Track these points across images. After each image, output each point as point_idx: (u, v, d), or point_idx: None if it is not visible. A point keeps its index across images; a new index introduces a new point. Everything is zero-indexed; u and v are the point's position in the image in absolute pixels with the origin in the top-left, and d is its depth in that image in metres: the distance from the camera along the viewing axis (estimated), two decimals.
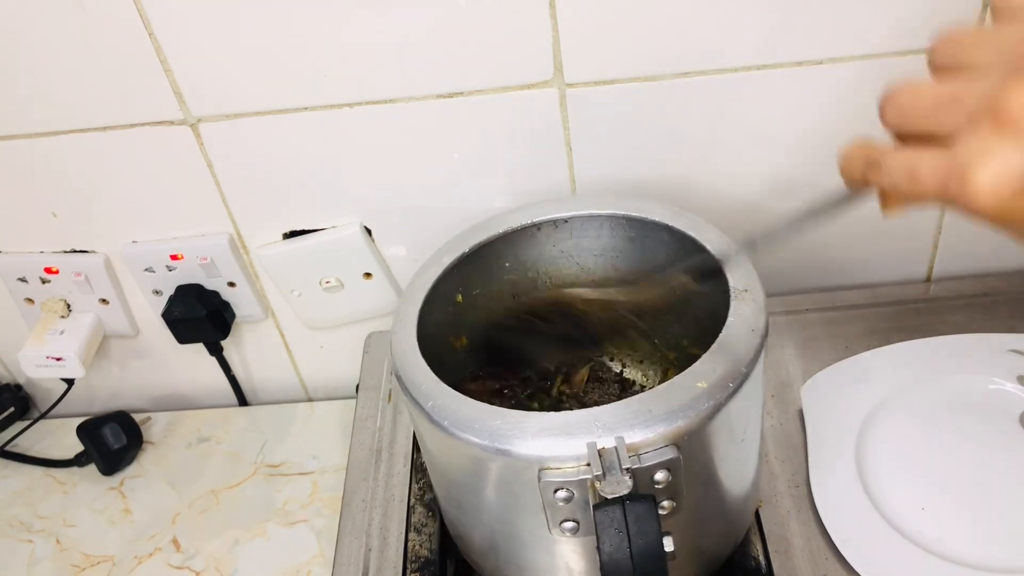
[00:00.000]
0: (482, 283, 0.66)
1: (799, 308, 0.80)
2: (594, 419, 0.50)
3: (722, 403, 0.51)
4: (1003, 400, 0.69)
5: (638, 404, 0.50)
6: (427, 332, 0.59)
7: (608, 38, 0.68)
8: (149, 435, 0.90)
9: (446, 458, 0.56)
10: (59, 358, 0.83)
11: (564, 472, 0.49)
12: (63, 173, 0.77)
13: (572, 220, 0.65)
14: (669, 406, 0.50)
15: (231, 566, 0.77)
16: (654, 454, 0.49)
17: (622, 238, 0.66)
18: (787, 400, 0.73)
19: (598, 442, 0.49)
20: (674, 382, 0.51)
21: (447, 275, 0.63)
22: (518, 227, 0.65)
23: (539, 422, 0.51)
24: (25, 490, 0.87)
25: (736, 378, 0.52)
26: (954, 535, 0.61)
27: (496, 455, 0.51)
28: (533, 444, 0.50)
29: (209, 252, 0.81)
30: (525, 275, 0.68)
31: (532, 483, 0.50)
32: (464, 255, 0.64)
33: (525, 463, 0.50)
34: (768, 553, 0.63)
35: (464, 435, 0.51)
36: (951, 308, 0.78)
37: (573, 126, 0.73)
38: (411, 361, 0.56)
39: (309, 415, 0.90)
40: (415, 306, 0.60)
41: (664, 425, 0.49)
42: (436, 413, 0.53)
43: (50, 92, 0.71)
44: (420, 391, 0.54)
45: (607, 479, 0.47)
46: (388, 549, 0.68)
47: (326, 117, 0.72)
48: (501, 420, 0.51)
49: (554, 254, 0.67)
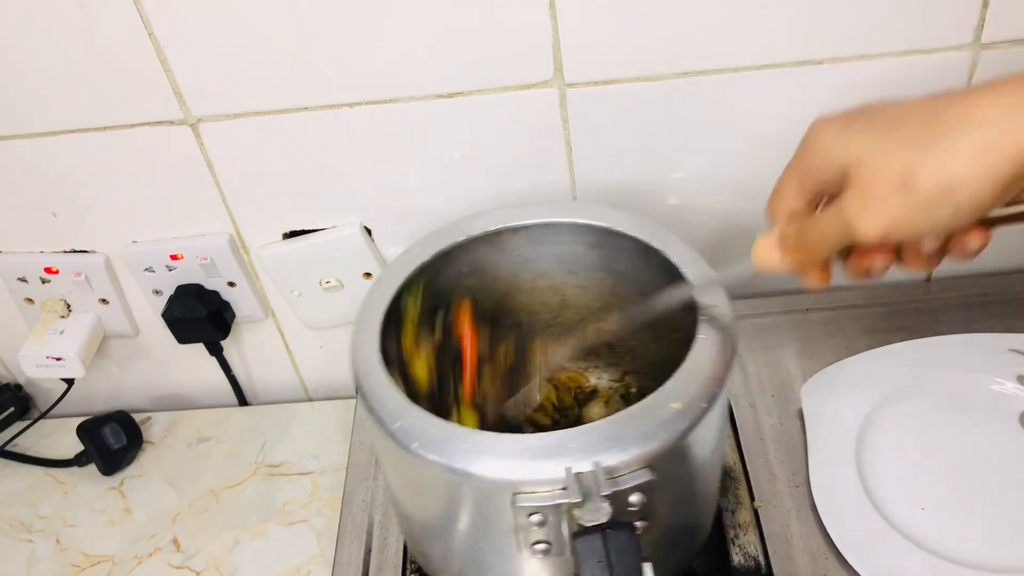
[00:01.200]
0: (440, 291, 0.64)
1: (799, 308, 0.80)
2: (569, 442, 0.49)
3: (696, 422, 0.51)
4: (1003, 400, 0.69)
5: (613, 426, 0.50)
6: (389, 343, 0.57)
7: (608, 38, 0.68)
8: (149, 435, 0.90)
9: (411, 478, 0.55)
10: (59, 358, 0.83)
11: (540, 496, 0.48)
12: (63, 173, 0.77)
13: (532, 228, 0.64)
14: (644, 428, 0.49)
15: (231, 566, 0.77)
16: (630, 477, 0.48)
17: (583, 244, 0.65)
18: (787, 400, 0.73)
19: (574, 466, 0.48)
20: (647, 403, 0.51)
21: (409, 282, 0.61)
22: (479, 234, 0.64)
23: (512, 444, 0.49)
24: (25, 490, 0.87)
25: (709, 398, 0.51)
26: (954, 535, 0.61)
27: (466, 478, 0.49)
28: (507, 467, 0.49)
29: (209, 252, 0.81)
30: (484, 280, 0.66)
31: (503, 506, 0.49)
32: (423, 264, 0.62)
33: (497, 487, 0.49)
34: (768, 553, 0.63)
35: (433, 457, 0.50)
36: (951, 308, 0.78)
37: (573, 126, 0.73)
38: (375, 377, 0.54)
39: (309, 415, 0.90)
40: (376, 320, 0.58)
41: (640, 447, 0.49)
42: (403, 434, 0.51)
43: (50, 92, 0.71)
44: (386, 410, 0.52)
45: (586, 506, 0.46)
46: (388, 549, 0.68)
47: (326, 117, 0.72)
48: (472, 442, 0.50)
49: (514, 260, 0.66)
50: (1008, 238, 0.80)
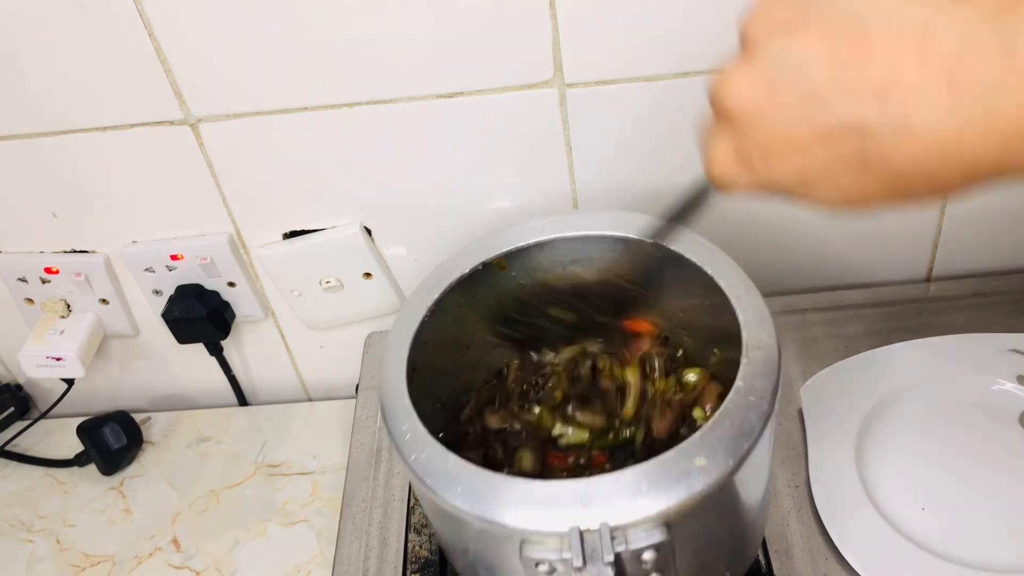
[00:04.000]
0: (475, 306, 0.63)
1: (799, 308, 0.80)
2: (581, 495, 0.47)
3: (721, 480, 0.47)
4: (1003, 400, 0.69)
5: (629, 479, 0.47)
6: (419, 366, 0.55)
7: (608, 38, 0.68)
8: (149, 435, 0.90)
9: (436, 513, 0.54)
10: (59, 358, 0.83)
11: (546, 547, 0.47)
12: (63, 173, 0.77)
13: (573, 239, 0.62)
14: (661, 484, 0.46)
15: (231, 566, 0.77)
16: (643, 535, 0.46)
17: (621, 252, 0.62)
18: (787, 400, 0.73)
19: (581, 525, 0.46)
20: (669, 457, 0.47)
21: (442, 299, 0.59)
22: (521, 246, 0.61)
23: (523, 491, 0.48)
24: (25, 490, 0.87)
25: (738, 454, 0.47)
26: (954, 535, 0.61)
27: (477, 521, 0.48)
28: (515, 515, 0.47)
29: (209, 252, 0.80)
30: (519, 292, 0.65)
31: (513, 552, 0.48)
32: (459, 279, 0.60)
33: (506, 532, 0.48)
34: (768, 553, 0.63)
35: (445, 495, 0.49)
36: (951, 308, 0.78)
37: (573, 126, 0.73)
38: (398, 405, 0.53)
39: (309, 415, 0.90)
40: (404, 344, 0.57)
41: (655, 505, 0.46)
42: (419, 468, 0.50)
43: (50, 92, 0.71)
44: (405, 442, 0.51)
45: (588, 569, 0.45)
46: (388, 549, 0.68)
47: (326, 117, 0.72)
48: (484, 484, 0.48)
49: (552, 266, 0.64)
50: (1008, 238, 0.80)
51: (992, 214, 0.78)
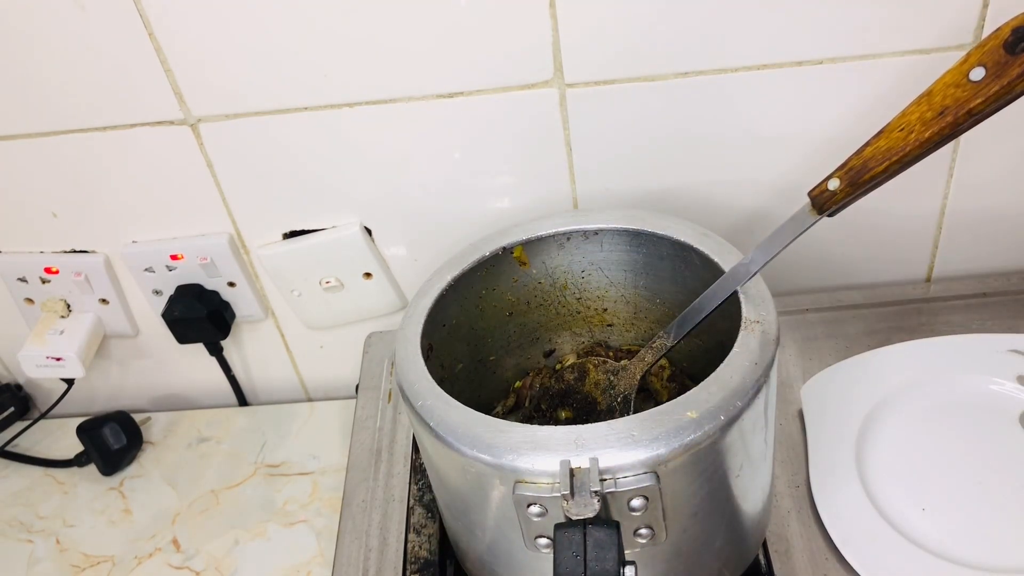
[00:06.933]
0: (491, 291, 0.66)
1: (799, 308, 0.80)
2: (574, 437, 0.49)
3: (711, 435, 0.49)
4: (1003, 400, 0.69)
5: (622, 426, 0.49)
6: (436, 330, 0.59)
7: (608, 38, 0.68)
8: (149, 435, 0.90)
9: (438, 459, 0.56)
10: (59, 358, 0.83)
11: (538, 488, 0.48)
12: (63, 173, 0.77)
13: (575, 233, 0.65)
14: (653, 432, 0.48)
15: (231, 566, 0.77)
16: (632, 479, 0.48)
17: (626, 250, 0.66)
18: (787, 400, 0.73)
19: (572, 461, 0.48)
20: (662, 409, 0.50)
21: (464, 276, 0.63)
22: (535, 237, 0.65)
23: (519, 435, 0.50)
24: (25, 490, 0.87)
25: (729, 411, 0.50)
26: (954, 535, 0.61)
27: (474, 463, 0.50)
28: (509, 456, 0.49)
29: (209, 252, 0.81)
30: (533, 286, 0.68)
31: (507, 496, 0.50)
32: (484, 258, 0.64)
33: (500, 474, 0.50)
34: (768, 553, 0.63)
35: (448, 439, 0.51)
36: (951, 308, 0.78)
37: (573, 126, 0.73)
38: (410, 358, 0.57)
39: (309, 415, 0.90)
40: (424, 305, 0.60)
41: (644, 451, 0.48)
42: (425, 413, 0.53)
43: (50, 92, 0.71)
44: (413, 390, 0.55)
45: (574, 500, 0.46)
46: (388, 550, 0.68)
47: (326, 117, 0.72)
48: (484, 428, 0.51)
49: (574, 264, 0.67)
50: (1008, 238, 0.80)
51: (992, 214, 0.78)
